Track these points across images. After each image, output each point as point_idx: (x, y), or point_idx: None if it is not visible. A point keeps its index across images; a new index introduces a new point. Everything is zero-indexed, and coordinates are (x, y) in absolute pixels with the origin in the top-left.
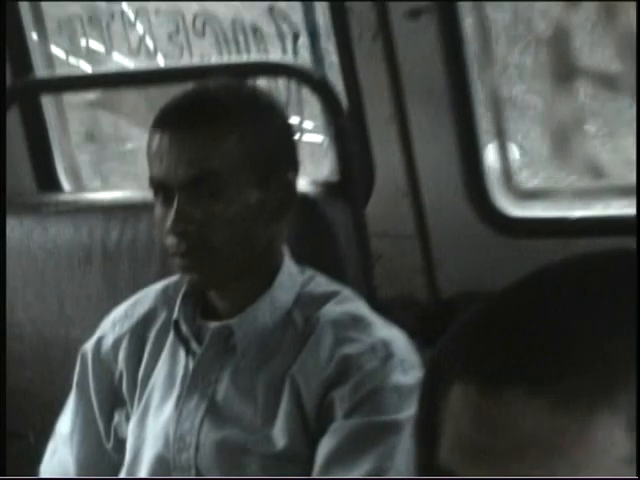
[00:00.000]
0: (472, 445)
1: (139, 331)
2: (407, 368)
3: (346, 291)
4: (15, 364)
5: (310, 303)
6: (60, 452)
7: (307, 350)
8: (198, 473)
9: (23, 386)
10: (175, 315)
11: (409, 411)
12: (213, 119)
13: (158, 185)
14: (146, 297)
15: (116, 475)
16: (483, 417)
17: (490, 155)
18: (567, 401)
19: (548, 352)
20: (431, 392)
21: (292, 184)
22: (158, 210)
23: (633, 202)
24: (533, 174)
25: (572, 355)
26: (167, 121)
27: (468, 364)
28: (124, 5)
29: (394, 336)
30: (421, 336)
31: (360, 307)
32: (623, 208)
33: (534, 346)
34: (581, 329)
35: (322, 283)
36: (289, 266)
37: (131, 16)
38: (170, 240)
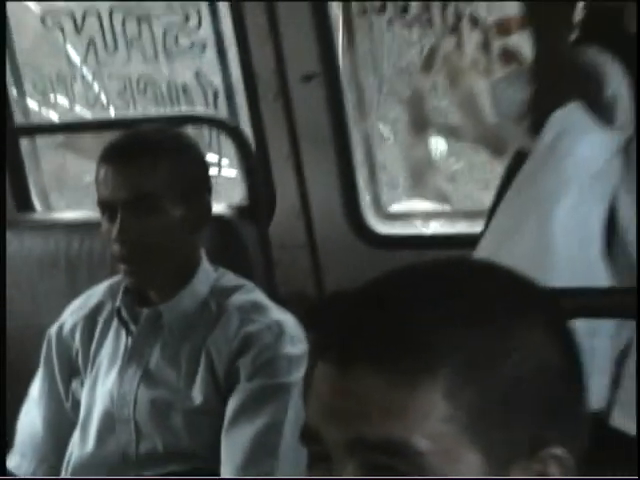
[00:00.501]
0: (328, 408)
1: (91, 318)
2: (296, 342)
3: (250, 284)
4: None
5: (221, 293)
6: (31, 412)
7: (219, 329)
8: (136, 425)
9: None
10: (117, 304)
11: (298, 375)
12: (148, 153)
13: (105, 205)
14: (96, 292)
15: (73, 427)
16: (338, 387)
17: (363, 185)
18: (400, 376)
19: (388, 339)
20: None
21: (208, 203)
22: (105, 225)
23: (472, 223)
24: (396, 200)
25: (405, 342)
26: (112, 155)
27: (330, 346)
28: (84, 69)
29: (286, 319)
30: (309, 323)
31: (259, 296)
32: (464, 227)
33: (378, 334)
34: (413, 322)
35: (231, 279)
36: (205, 266)
37: (89, 78)
38: (115, 248)
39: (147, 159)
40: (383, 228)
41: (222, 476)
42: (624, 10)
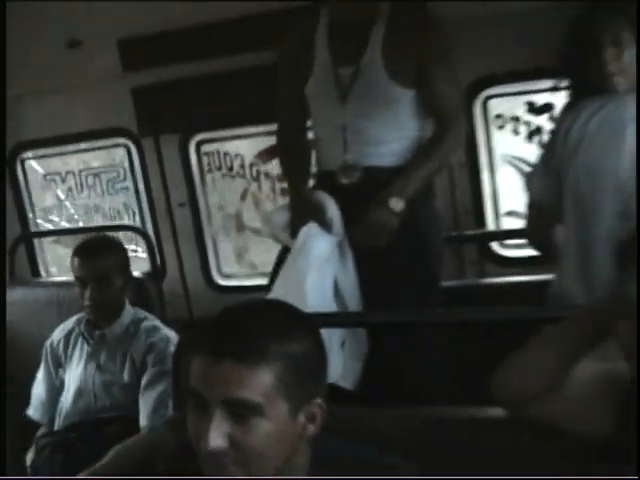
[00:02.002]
0: (207, 379)
1: (67, 336)
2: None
3: (151, 316)
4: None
5: (136, 322)
6: (38, 387)
7: (135, 341)
8: (94, 394)
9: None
10: (82, 329)
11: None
12: (103, 249)
13: (79, 279)
14: (70, 322)
15: (60, 395)
16: (213, 368)
17: (212, 260)
18: (247, 362)
19: (241, 341)
20: (178, 357)
21: (131, 273)
22: (79, 290)
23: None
24: (230, 265)
25: (250, 343)
26: (82, 250)
27: (208, 344)
28: (66, 202)
29: (171, 334)
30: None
31: (157, 322)
32: (263, 281)
33: (235, 339)
34: (252, 332)
35: (141, 313)
36: (128, 306)
37: (69, 206)
38: (86, 303)
39: (103, 252)
40: (223, 282)
41: (140, 420)
42: None
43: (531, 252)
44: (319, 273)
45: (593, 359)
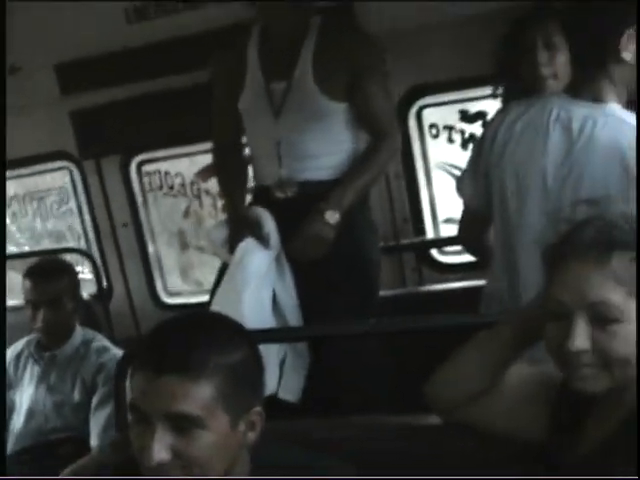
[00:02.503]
0: (148, 394)
1: (17, 358)
2: None
3: (100, 336)
4: None
5: (86, 342)
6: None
7: (86, 361)
8: (45, 414)
9: None
10: (32, 350)
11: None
12: (54, 271)
13: (31, 302)
14: (20, 343)
15: (11, 417)
16: (154, 383)
17: (158, 279)
18: (187, 378)
19: (181, 358)
20: (120, 375)
21: (81, 295)
22: (30, 312)
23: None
24: (176, 283)
25: (189, 359)
26: (33, 273)
27: (140, 359)
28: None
29: (118, 353)
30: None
31: (105, 342)
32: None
33: (174, 355)
34: (191, 348)
35: (90, 333)
36: (78, 328)
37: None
38: (38, 325)
39: (55, 275)
40: (169, 300)
41: (91, 440)
42: None
43: (470, 258)
44: (257, 288)
45: (525, 362)
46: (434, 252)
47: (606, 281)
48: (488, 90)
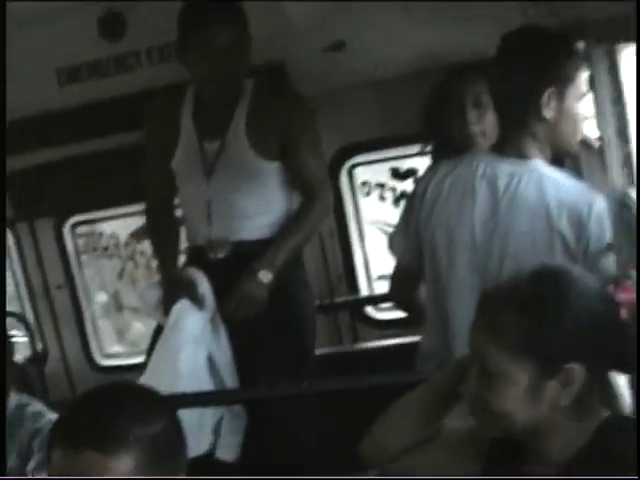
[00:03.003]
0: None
1: None
2: None
3: (34, 400)
4: None
5: (21, 407)
6: None
7: (21, 428)
8: None
9: None
10: None
11: None
12: None
13: None
14: None
15: None
16: (64, 465)
17: (93, 341)
18: (105, 452)
19: (98, 432)
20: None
21: (13, 366)
22: None
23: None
24: (111, 345)
25: (108, 434)
26: None
27: (58, 434)
28: None
29: (53, 417)
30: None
31: (40, 406)
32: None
33: (90, 430)
34: (109, 422)
35: (25, 399)
36: (12, 394)
37: None
38: None
39: None
40: (105, 362)
41: None
42: None
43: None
44: (192, 349)
45: (458, 417)
46: (369, 309)
47: (488, 338)
48: (418, 148)
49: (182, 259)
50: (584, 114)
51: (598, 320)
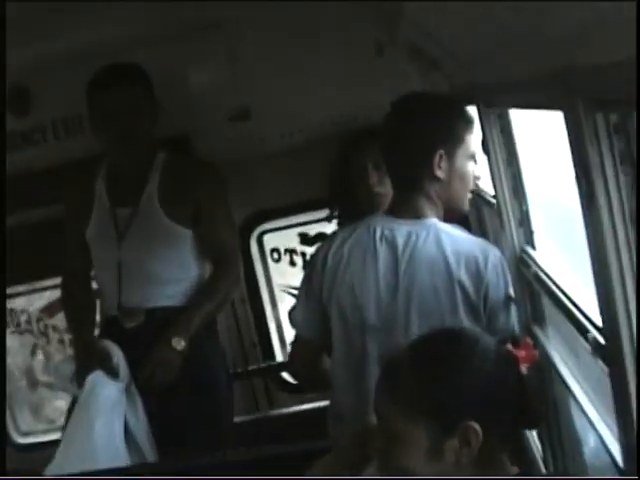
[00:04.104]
0: None
1: None
2: None
3: None
4: None
5: None
6: None
7: None
8: None
9: None
10: None
11: None
12: None
13: None
14: None
15: None
16: None
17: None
18: None
19: None
20: None
21: None
22: None
23: None
24: (27, 422)
25: None
26: None
27: None
28: None
29: None
30: None
31: None
32: None
33: None
34: None
35: None
36: None
37: None
38: None
39: None
40: (21, 440)
41: None
42: None
43: None
44: (108, 419)
45: None
46: (284, 374)
47: (387, 400)
48: (325, 213)
49: (97, 332)
50: (475, 173)
51: (494, 379)
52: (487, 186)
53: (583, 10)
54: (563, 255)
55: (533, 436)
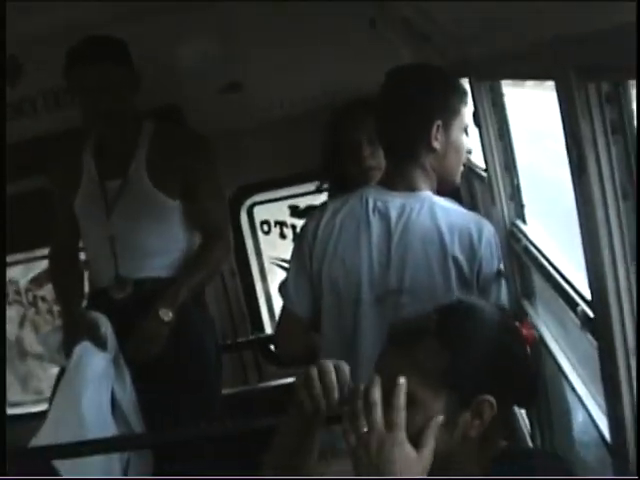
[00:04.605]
0: None
1: None
2: None
3: None
4: None
5: None
6: None
7: None
8: None
9: None
10: None
11: None
12: None
13: None
14: None
15: None
16: None
17: None
18: None
19: None
20: None
21: None
22: None
23: None
24: (15, 394)
25: None
26: None
27: None
28: None
29: None
30: None
31: None
32: None
33: None
34: None
35: None
36: None
37: None
38: None
39: None
40: (9, 411)
41: None
42: None
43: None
44: (95, 390)
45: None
46: (273, 347)
47: (404, 367)
48: (315, 185)
49: (85, 303)
50: (468, 145)
51: (509, 354)
52: (479, 159)
53: None
54: (553, 229)
55: (520, 411)
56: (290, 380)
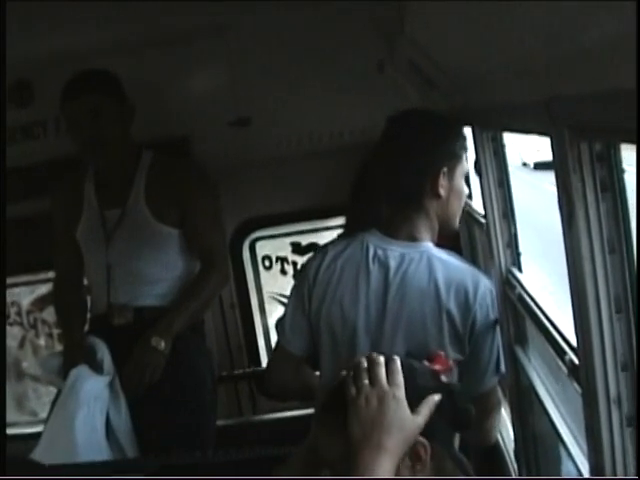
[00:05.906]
0: None
1: None
2: None
3: None
4: None
5: None
6: None
7: None
8: None
9: None
10: None
11: None
12: None
13: None
14: None
15: None
16: None
17: None
18: None
19: None
20: None
21: None
22: None
23: None
24: (11, 414)
25: None
26: None
27: None
28: None
29: None
30: None
31: None
32: None
33: None
34: None
35: None
36: None
37: None
38: None
39: None
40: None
41: None
42: None
43: None
44: (89, 412)
45: None
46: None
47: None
48: (317, 223)
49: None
50: (466, 191)
51: (425, 393)
52: (478, 205)
53: (569, 43)
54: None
55: (510, 456)
56: (284, 415)
